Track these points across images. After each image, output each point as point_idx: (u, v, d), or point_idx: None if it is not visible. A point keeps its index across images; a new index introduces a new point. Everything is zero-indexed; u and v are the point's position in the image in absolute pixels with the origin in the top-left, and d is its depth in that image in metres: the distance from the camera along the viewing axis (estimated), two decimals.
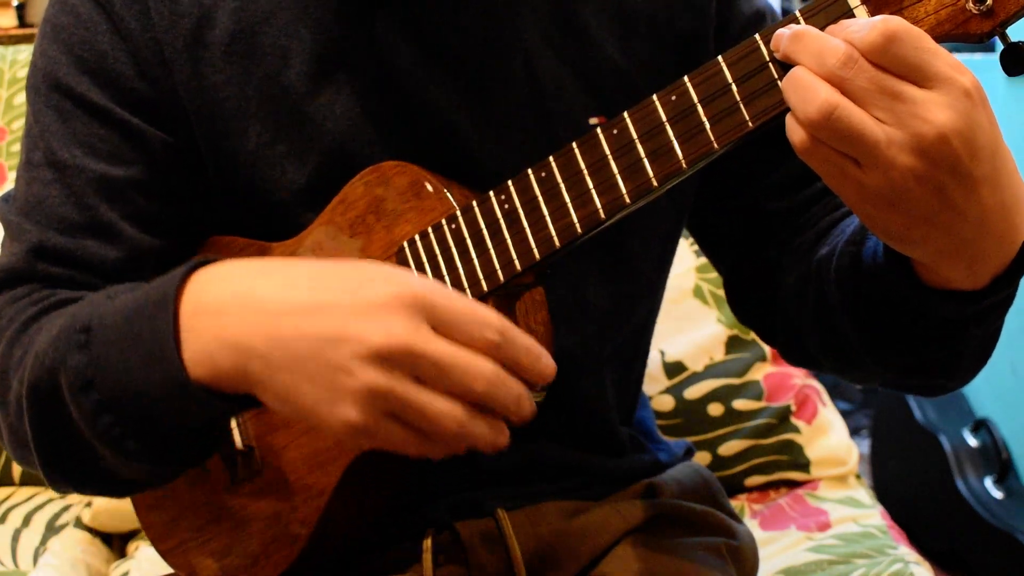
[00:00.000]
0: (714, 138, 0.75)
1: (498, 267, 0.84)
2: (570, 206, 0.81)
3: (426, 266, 0.86)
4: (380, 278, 0.74)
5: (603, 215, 0.80)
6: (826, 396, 1.67)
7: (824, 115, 0.68)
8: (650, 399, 1.56)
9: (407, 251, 0.87)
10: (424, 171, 0.88)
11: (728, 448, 1.60)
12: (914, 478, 2.48)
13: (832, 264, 0.90)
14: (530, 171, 0.83)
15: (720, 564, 1.03)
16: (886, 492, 2.48)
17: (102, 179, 0.92)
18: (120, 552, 1.57)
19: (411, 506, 0.98)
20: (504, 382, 0.73)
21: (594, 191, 0.80)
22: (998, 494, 2.31)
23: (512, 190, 0.84)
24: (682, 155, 0.76)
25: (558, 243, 0.82)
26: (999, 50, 0.70)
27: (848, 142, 0.68)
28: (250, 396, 0.77)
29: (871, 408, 2.85)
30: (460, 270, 0.85)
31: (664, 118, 0.77)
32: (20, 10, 2.18)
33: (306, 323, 0.73)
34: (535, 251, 0.83)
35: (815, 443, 1.61)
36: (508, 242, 0.84)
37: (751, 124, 0.74)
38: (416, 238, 0.87)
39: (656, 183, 0.78)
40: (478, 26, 0.93)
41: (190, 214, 0.97)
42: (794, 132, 0.70)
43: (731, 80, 0.74)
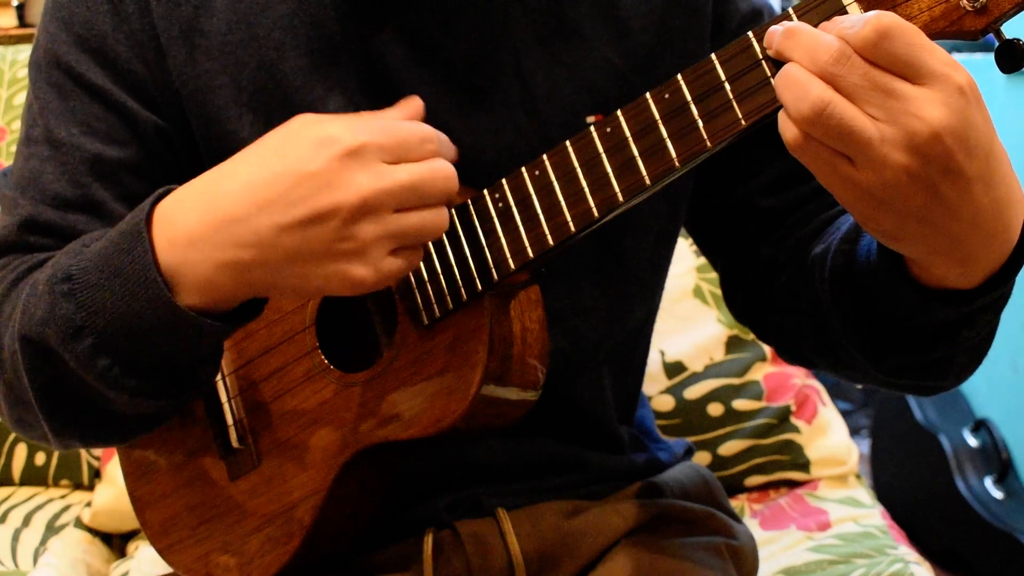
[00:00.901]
0: (707, 136, 0.75)
1: (492, 265, 0.84)
2: (563, 204, 0.81)
3: (421, 265, 0.86)
4: (320, 139, 0.78)
5: (596, 213, 0.80)
6: (826, 396, 1.66)
7: (816, 112, 0.67)
8: (650, 399, 1.56)
9: None
10: None
11: (728, 448, 1.60)
12: (914, 478, 2.48)
13: (826, 263, 0.89)
14: (524, 169, 0.83)
15: (720, 564, 1.03)
16: (886, 492, 2.48)
17: (96, 159, 0.93)
18: (120, 552, 1.57)
19: (410, 505, 0.98)
20: (450, 172, 0.81)
21: (587, 189, 0.80)
22: (998, 494, 2.30)
23: (506, 188, 0.84)
24: (675, 153, 0.76)
25: (552, 241, 0.82)
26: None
27: (841, 139, 0.68)
28: (246, 307, 0.83)
29: (871, 408, 2.85)
30: (455, 268, 0.86)
31: (657, 116, 0.77)
32: (20, 10, 2.18)
33: (280, 215, 0.77)
34: (529, 249, 0.83)
35: (815, 443, 1.61)
36: (502, 240, 0.84)
37: (744, 122, 0.74)
38: None
39: (649, 181, 0.78)
40: (470, 27, 0.93)
41: None
42: (787, 129, 0.70)
43: (724, 78, 0.74)
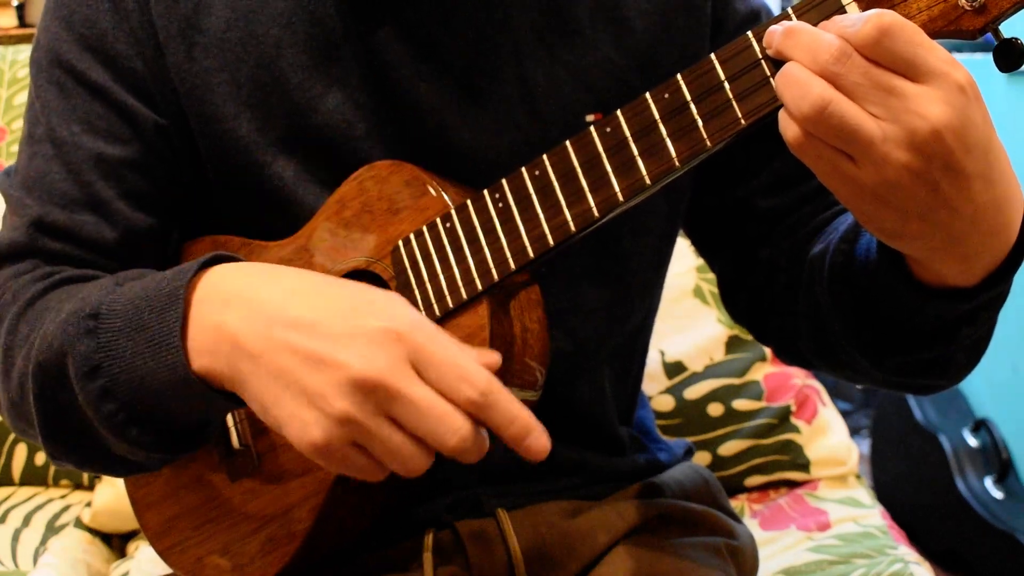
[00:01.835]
0: (707, 136, 0.75)
1: (492, 265, 0.84)
2: (563, 204, 0.81)
3: (421, 264, 0.87)
4: (377, 308, 0.75)
5: (596, 213, 0.80)
6: (826, 396, 1.66)
7: (818, 110, 0.68)
8: (650, 399, 1.56)
9: (402, 250, 0.88)
10: (420, 170, 0.89)
11: (728, 448, 1.60)
12: (914, 478, 2.48)
13: (825, 262, 0.90)
14: (524, 169, 0.83)
15: (720, 564, 1.03)
16: (886, 492, 2.48)
17: (99, 157, 0.93)
18: (120, 552, 1.57)
19: (410, 505, 0.98)
20: (476, 444, 0.73)
21: (587, 189, 0.80)
22: (998, 494, 2.31)
23: (506, 188, 0.84)
24: (675, 153, 0.76)
25: (552, 241, 0.82)
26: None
27: (842, 137, 0.68)
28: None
29: (871, 408, 2.85)
30: (455, 268, 0.86)
31: (657, 116, 0.77)
32: (20, 10, 2.18)
33: (296, 338, 0.75)
34: (529, 249, 0.83)
35: (815, 443, 1.61)
36: (502, 240, 0.84)
37: (743, 121, 0.74)
38: (411, 237, 0.87)
39: (649, 181, 0.78)
40: (469, 24, 0.93)
41: (186, 196, 0.98)
42: (788, 128, 0.70)
43: (724, 77, 0.74)
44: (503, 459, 1.00)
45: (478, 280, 0.85)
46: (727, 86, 0.74)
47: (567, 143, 0.81)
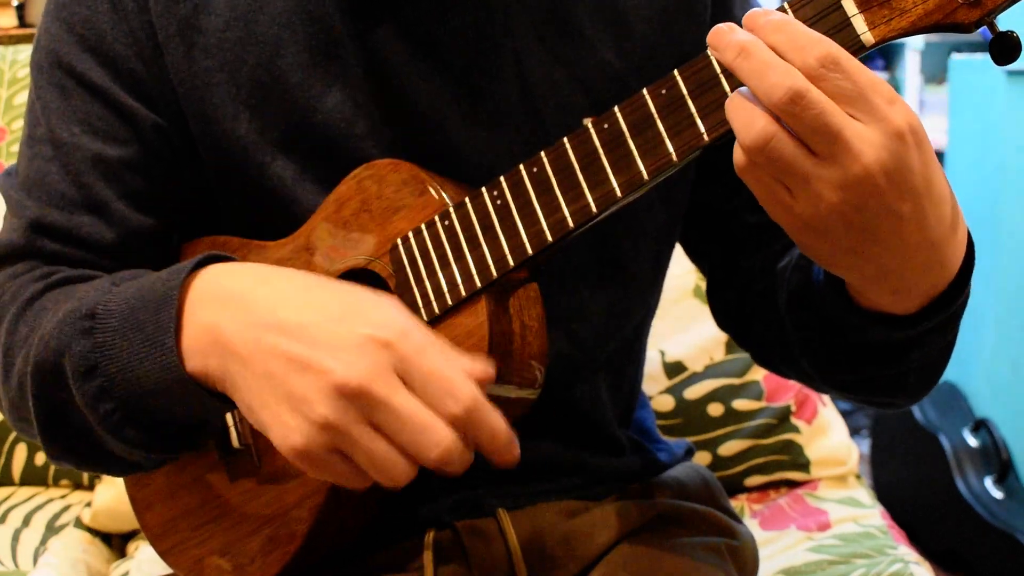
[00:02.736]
0: (704, 130, 0.75)
1: (491, 263, 0.84)
2: (561, 200, 0.82)
3: (419, 263, 0.87)
4: (367, 314, 0.75)
5: (595, 209, 0.80)
6: (826, 396, 1.66)
7: (760, 145, 0.70)
8: (650, 399, 1.56)
9: (401, 248, 0.88)
10: (418, 168, 0.89)
11: (728, 448, 1.60)
12: (914, 478, 2.48)
13: (785, 276, 0.93)
14: (522, 167, 0.83)
15: (720, 564, 1.03)
16: (886, 492, 2.48)
17: (98, 158, 0.93)
18: (120, 552, 1.57)
19: (411, 505, 0.98)
20: (459, 458, 0.73)
21: (585, 185, 0.80)
22: (998, 494, 2.31)
23: (504, 186, 0.84)
24: (672, 148, 0.77)
25: (550, 237, 0.82)
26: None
27: (780, 171, 0.71)
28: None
29: (871, 408, 2.85)
30: (453, 266, 0.86)
31: (654, 111, 0.77)
32: (20, 10, 2.18)
33: (284, 342, 0.75)
34: (527, 246, 0.83)
35: (815, 443, 1.61)
36: (501, 238, 0.84)
37: None
38: (410, 235, 0.87)
39: (647, 176, 0.78)
40: (469, 24, 0.93)
41: (185, 197, 0.98)
42: (736, 150, 0.72)
43: (719, 72, 0.74)
44: None
45: (477, 278, 0.85)
46: (723, 80, 0.74)
47: (564, 140, 0.81)
